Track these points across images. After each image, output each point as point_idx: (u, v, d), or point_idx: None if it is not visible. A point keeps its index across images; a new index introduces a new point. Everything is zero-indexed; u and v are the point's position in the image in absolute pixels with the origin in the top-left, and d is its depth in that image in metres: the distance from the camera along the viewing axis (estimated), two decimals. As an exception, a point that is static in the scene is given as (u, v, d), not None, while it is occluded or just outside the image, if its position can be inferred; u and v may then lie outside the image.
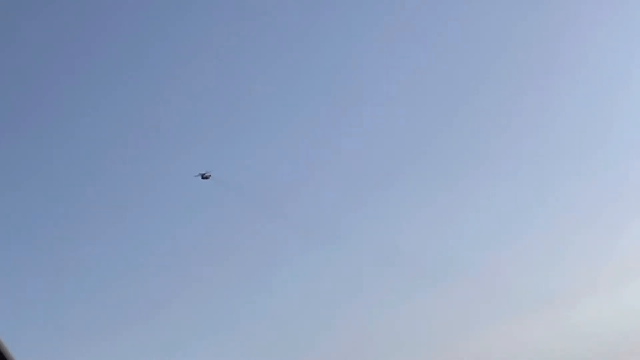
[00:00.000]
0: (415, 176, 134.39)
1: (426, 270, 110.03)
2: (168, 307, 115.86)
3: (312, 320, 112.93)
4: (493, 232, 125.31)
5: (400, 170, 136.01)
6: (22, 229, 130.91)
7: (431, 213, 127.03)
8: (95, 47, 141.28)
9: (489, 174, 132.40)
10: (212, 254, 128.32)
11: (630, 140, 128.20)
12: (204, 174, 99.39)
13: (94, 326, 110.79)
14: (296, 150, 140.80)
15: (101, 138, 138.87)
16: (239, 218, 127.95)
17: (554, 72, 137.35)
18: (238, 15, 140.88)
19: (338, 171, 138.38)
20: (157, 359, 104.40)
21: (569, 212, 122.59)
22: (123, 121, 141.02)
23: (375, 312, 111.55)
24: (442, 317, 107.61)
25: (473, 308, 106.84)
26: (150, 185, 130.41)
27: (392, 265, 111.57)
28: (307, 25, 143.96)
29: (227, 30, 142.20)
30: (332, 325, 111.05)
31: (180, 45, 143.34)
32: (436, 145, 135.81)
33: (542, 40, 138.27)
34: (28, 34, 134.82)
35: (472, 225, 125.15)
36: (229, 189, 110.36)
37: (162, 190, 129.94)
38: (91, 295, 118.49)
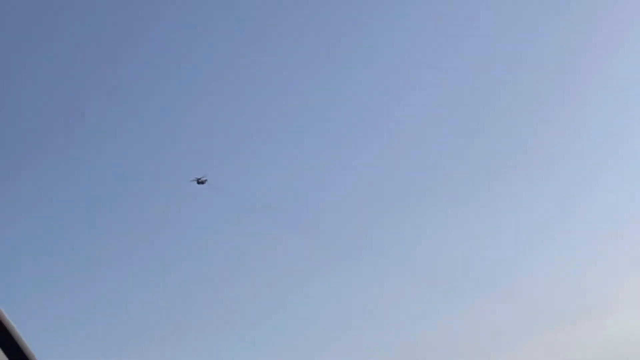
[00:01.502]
0: (443, 189, 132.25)
1: (455, 284, 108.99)
2: (195, 319, 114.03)
3: (337, 334, 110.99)
4: (522, 245, 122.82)
5: (428, 183, 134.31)
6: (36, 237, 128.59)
7: (459, 227, 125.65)
8: (104, 56, 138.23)
9: (516, 186, 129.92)
10: (240, 267, 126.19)
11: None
12: (200, 179, 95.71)
13: (118, 338, 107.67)
14: (323, 164, 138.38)
15: (120, 148, 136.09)
16: (266, 233, 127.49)
17: (579, 86, 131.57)
18: (254, 27, 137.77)
19: (365, 185, 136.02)
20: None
21: (600, 223, 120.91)
22: (139, 137, 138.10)
23: (404, 327, 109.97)
24: (471, 332, 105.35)
25: (503, 322, 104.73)
26: (177, 199, 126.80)
27: (420, 280, 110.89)
28: (334, 33, 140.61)
29: (247, 41, 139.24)
30: (358, 339, 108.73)
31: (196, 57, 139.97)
32: (463, 158, 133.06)
33: (574, 40, 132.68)
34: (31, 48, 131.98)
35: (500, 238, 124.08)
36: (257, 204, 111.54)
37: (189, 205, 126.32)
38: (116, 306, 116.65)
